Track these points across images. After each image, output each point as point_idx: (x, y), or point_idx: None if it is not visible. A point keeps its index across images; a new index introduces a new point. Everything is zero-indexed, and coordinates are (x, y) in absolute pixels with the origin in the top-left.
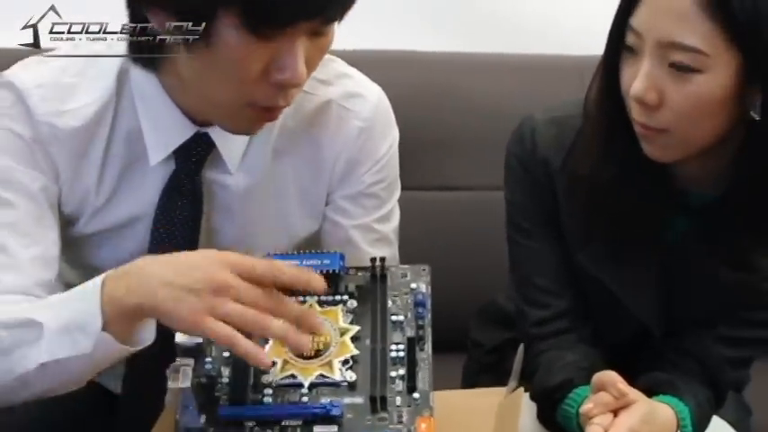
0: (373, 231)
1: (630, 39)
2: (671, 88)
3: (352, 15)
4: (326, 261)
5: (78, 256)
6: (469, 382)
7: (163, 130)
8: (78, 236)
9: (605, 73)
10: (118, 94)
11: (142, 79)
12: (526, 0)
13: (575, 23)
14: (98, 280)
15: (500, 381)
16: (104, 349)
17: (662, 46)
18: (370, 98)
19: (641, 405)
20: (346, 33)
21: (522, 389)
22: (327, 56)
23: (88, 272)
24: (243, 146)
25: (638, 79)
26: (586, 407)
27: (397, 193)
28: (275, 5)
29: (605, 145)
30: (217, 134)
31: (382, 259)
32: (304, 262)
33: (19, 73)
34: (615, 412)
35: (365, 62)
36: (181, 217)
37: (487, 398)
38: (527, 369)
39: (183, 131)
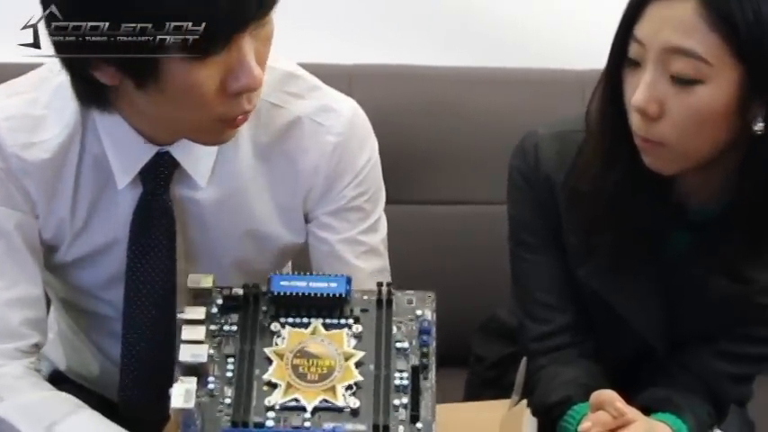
0: (360, 244)
1: (634, 50)
2: (672, 100)
3: (352, 30)
4: (333, 284)
5: (64, 279)
6: (472, 396)
7: (126, 154)
8: (61, 262)
9: (607, 85)
10: (83, 123)
11: None
12: (527, 15)
13: (576, 38)
14: None
15: (502, 395)
16: None
17: (665, 52)
18: (343, 112)
19: (640, 425)
20: (347, 48)
21: (524, 402)
22: (298, 71)
23: (76, 291)
24: (211, 160)
25: (639, 90)
26: (585, 426)
27: (382, 204)
28: (211, 29)
29: (607, 158)
30: (178, 152)
31: (389, 284)
32: (310, 284)
33: None
34: (613, 431)
35: (365, 76)
36: (155, 237)
37: (490, 412)
38: (528, 384)
39: (144, 153)
